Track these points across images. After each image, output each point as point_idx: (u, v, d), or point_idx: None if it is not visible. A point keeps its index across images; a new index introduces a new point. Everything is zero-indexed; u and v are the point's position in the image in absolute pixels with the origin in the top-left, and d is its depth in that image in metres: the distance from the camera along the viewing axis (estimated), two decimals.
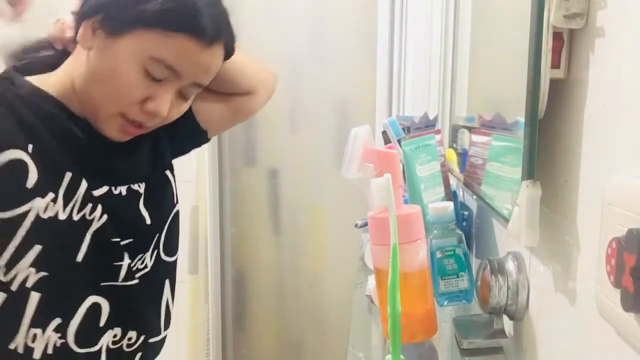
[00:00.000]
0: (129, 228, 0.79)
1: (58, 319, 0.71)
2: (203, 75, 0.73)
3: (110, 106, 0.70)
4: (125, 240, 0.77)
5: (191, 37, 0.67)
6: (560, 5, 0.48)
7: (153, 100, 0.70)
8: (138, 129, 0.73)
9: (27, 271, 0.68)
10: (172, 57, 0.67)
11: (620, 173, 0.41)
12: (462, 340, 0.70)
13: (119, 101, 0.69)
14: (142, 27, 0.67)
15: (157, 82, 0.69)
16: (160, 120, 0.73)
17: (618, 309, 0.38)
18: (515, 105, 0.65)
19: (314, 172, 2.08)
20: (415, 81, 1.68)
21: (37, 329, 0.70)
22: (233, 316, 2.21)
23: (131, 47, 0.67)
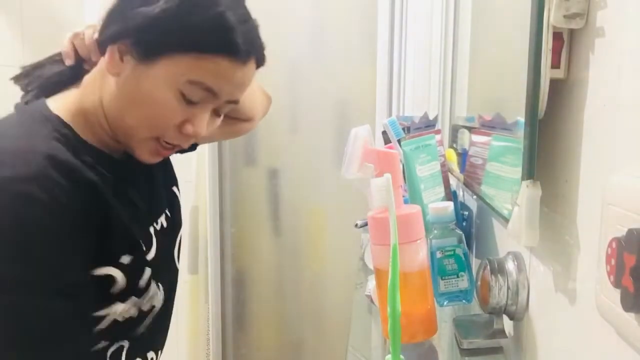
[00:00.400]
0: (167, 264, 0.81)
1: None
2: (238, 92, 0.71)
3: (147, 131, 0.68)
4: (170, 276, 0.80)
5: (227, 57, 0.66)
6: (560, 5, 0.48)
7: (191, 123, 0.68)
8: (171, 150, 0.71)
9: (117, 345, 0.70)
10: (210, 79, 0.66)
11: (620, 173, 0.41)
12: (462, 340, 0.70)
13: (158, 127, 0.67)
14: (177, 52, 0.64)
15: (195, 104, 0.67)
16: (194, 140, 0.72)
17: (618, 309, 0.38)
18: (515, 105, 0.65)
19: (314, 172, 2.08)
20: (415, 81, 1.68)
21: None
22: (233, 316, 2.21)
23: (168, 72, 0.65)
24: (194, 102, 0.67)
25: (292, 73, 2.06)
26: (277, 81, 2.06)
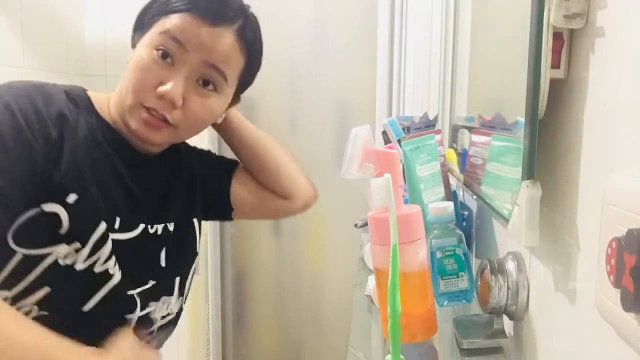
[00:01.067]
0: (150, 271, 0.79)
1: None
2: (212, 55, 0.73)
3: (131, 97, 0.72)
4: (140, 287, 0.77)
5: (190, 13, 0.72)
6: (560, 5, 0.48)
7: (164, 83, 0.72)
8: (158, 121, 0.73)
9: (30, 307, 0.68)
10: (175, 28, 0.72)
11: (620, 173, 0.41)
12: (462, 340, 0.70)
13: (139, 90, 0.72)
14: (155, 19, 0.74)
15: (170, 65, 0.72)
16: (180, 112, 0.73)
17: (618, 309, 0.38)
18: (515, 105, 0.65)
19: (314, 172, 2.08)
20: (415, 81, 1.68)
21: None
22: (233, 316, 2.21)
23: (147, 37, 0.74)
24: (166, 55, 0.72)
25: (292, 73, 2.06)
26: (277, 81, 2.06)
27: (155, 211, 0.81)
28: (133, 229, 0.76)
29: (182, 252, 0.86)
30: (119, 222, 0.74)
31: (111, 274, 0.72)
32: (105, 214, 0.72)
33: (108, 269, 0.72)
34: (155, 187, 0.82)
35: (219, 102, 0.78)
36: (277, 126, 2.08)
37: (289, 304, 2.19)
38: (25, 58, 1.67)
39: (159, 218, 0.81)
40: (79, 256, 0.69)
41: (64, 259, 0.68)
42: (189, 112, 0.74)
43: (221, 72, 0.75)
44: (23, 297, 0.68)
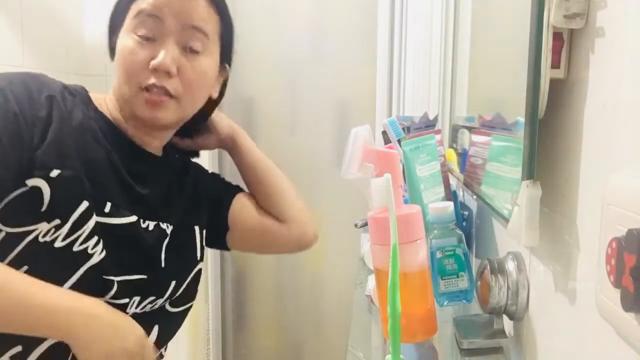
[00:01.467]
0: (142, 263, 0.78)
1: (18, 347, 0.69)
2: (189, 17, 0.76)
3: (128, 83, 0.75)
4: (126, 276, 0.76)
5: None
6: (560, 5, 0.48)
7: (155, 58, 0.74)
8: (161, 96, 0.75)
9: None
10: (148, 6, 0.75)
11: (620, 173, 0.41)
12: (462, 340, 0.70)
13: (131, 74, 0.75)
14: (123, 18, 0.77)
15: (153, 42, 0.75)
16: (177, 81, 0.76)
17: (618, 309, 0.38)
18: (515, 105, 0.65)
19: (314, 172, 2.08)
20: (415, 81, 1.68)
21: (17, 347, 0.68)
22: (233, 316, 2.21)
23: (123, 30, 0.76)
24: (147, 36, 0.75)
25: (292, 73, 2.06)
26: (277, 81, 2.06)
27: (152, 209, 0.80)
28: (124, 217, 0.76)
29: (181, 256, 0.85)
30: (109, 207, 0.74)
31: (90, 253, 0.71)
32: (91, 195, 0.71)
33: (87, 249, 0.71)
34: (156, 186, 0.82)
35: (208, 62, 0.80)
36: (277, 126, 2.08)
37: (289, 304, 2.19)
38: (25, 58, 1.67)
39: (154, 216, 0.81)
40: (59, 234, 0.69)
41: (44, 237, 0.68)
42: (185, 79, 0.77)
43: (202, 31, 0.78)
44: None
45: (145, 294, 0.78)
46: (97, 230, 0.72)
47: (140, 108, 0.76)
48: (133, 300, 0.76)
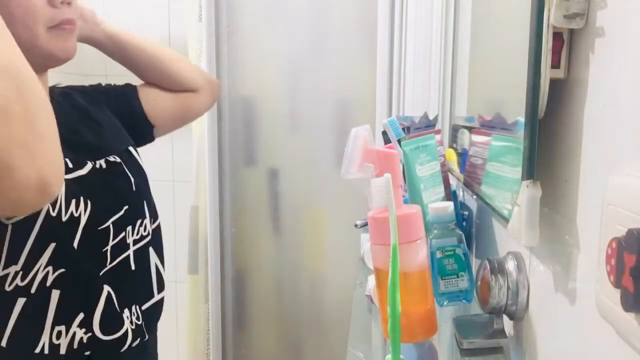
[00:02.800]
0: (119, 199, 0.81)
1: (81, 314, 0.73)
2: None
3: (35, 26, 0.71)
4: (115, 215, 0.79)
5: None
6: (560, 5, 0.48)
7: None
8: (71, 25, 0.75)
9: (45, 270, 0.69)
10: None
11: (620, 173, 0.41)
12: (462, 340, 0.70)
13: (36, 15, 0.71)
14: None
15: None
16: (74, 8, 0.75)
17: (618, 309, 0.38)
18: (515, 105, 0.65)
19: (314, 172, 2.08)
20: (415, 81, 1.68)
21: (60, 326, 0.71)
22: (233, 316, 2.21)
23: None
24: None
25: (292, 73, 2.06)
26: (277, 81, 2.06)
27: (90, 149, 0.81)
28: (83, 166, 0.77)
29: (137, 177, 0.87)
30: (69, 162, 0.75)
31: (77, 216, 0.73)
32: None
33: (73, 213, 0.72)
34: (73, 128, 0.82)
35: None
36: (277, 126, 2.08)
37: (289, 304, 2.18)
38: None
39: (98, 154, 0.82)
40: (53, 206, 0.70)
41: (53, 210, 0.69)
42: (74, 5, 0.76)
43: None
44: (34, 263, 0.68)
45: (134, 221, 0.83)
46: (70, 191, 0.73)
47: (53, 44, 0.74)
48: (127, 231, 0.81)
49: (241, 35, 2.03)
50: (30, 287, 0.69)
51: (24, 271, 0.68)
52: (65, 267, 0.71)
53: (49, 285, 0.70)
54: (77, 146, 0.79)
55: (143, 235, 0.85)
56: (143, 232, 0.85)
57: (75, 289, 0.73)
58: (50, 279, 0.70)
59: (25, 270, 0.68)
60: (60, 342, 0.71)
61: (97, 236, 0.76)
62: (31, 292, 0.69)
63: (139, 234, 0.84)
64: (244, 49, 2.04)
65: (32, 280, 0.69)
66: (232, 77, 2.05)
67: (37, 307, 0.70)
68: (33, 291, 0.69)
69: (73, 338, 0.72)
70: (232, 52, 2.03)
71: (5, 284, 0.68)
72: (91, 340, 0.74)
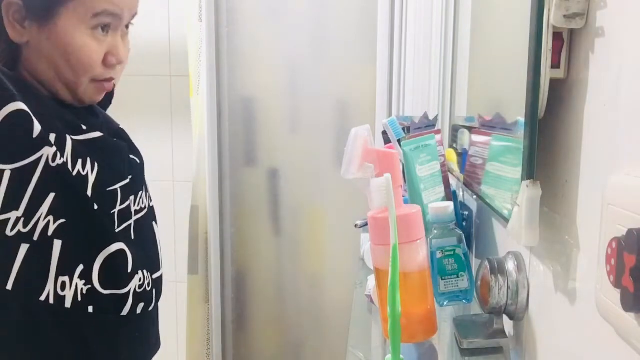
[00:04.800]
0: (126, 167, 0.84)
1: (81, 266, 0.74)
2: (135, 6, 0.80)
3: (82, 77, 0.76)
4: (122, 182, 0.81)
5: None
6: (560, 5, 0.48)
7: (112, 54, 0.78)
8: (110, 84, 0.81)
9: (46, 219, 0.70)
10: (108, 5, 0.75)
11: (620, 173, 0.41)
12: (462, 340, 0.70)
13: (88, 70, 0.76)
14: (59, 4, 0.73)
15: (106, 32, 0.77)
16: (122, 66, 0.81)
17: (618, 309, 0.38)
18: (515, 105, 0.65)
19: (314, 172, 2.08)
20: (415, 81, 1.68)
21: (64, 276, 0.72)
22: (233, 316, 2.21)
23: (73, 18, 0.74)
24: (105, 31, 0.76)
25: (292, 73, 2.06)
26: (277, 81, 2.06)
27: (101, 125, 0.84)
28: (95, 131, 0.80)
29: (136, 154, 0.91)
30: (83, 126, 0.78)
31: (84, 174, 0.75)
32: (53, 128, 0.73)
33: (80, 170, 0.74)
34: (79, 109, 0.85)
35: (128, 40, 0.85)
36: (277, 126, 2.08)
37: (289, 304, 2.18)
38: None
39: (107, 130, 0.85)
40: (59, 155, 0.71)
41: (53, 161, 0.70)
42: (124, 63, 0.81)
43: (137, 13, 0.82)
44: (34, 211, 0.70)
45: (136, 192, 0.85)
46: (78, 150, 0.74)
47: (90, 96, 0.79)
48: (131, 200, 0.83)
49: (241, 35, 2.03)
50: (32, 235, 0.70)
51: (25, 218, 0.69)
52: (67, 217, 0.72)
53: (51, 235, 0.71)
54: (90, 121, 0.82)
55: (142, 207, 0.87)
56: (142, 204, 0.87)
57: (79, 239, 0.74)
58: (52, 229, 0.71)
59: (26, 218, 0.69)
60: (66, 293, 0.72)
61: (105, 196, 0.78)
62: (34, 239, 0.70)
63: (139, 205, 0.86)
64: (244, 49, 2.04)
65: (34, 227, 0.70)
66: (232, 77, 2.05)
67: (40, 255, 0.71)
68: (35, 239, 0.70)
69: (76, 290, 0.73)
70: (232, 52, 2.03)
71: (7, 229, 0.69)
72: (90, 292, 0.74)
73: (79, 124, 0.78)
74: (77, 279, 0.74)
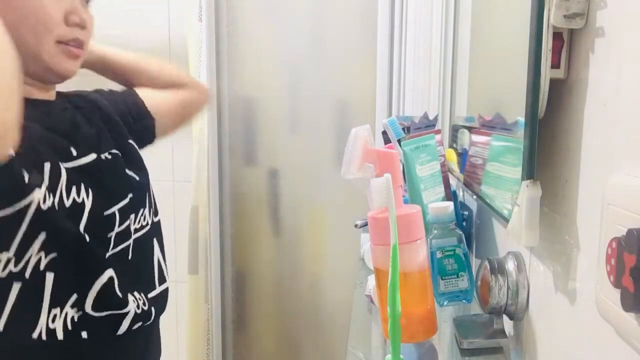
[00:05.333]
0: (124, 187, 0.83)
1: (75, 295, 0.73)
2: None
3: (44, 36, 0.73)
4: (121, 203, 0.81)
5: None
6: (560, 5, 0.48)
7: (73, 13, 0.75)
8: (79, 49, 0.78)
9: (37, 255, 0.70)
10: None
11: (620, 173, 0.41)
12: (462, 340, 0.70)
13: (49, 27, 0.73)
14: None
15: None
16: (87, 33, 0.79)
17: (618, 309, 0.38)
18: (515, 105, 0.65)
19: (314, 172, 2.08)
20: (415, 81, 1.68)
21: (56, 308, 0.72)
22: (233, 316, 2.21)
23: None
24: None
25: (292, 73, 2.06)
26: (277, 81, 2.06)
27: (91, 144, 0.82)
28: (87, 155, 0.79)
29: (139, 170, 0.90)
30: (73, 150, 0.76)
31: (79, 201, 0.74)
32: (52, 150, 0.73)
33: (75, 198, 0.74)
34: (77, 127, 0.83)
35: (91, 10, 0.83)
36: (277, 126, 2.08)
37: (289, 304, 2.18)
38: None
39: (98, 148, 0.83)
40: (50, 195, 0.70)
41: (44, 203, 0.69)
42: (89, 30, 0.79)
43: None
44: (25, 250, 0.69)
45: (137, 210, 0.85)
46: (72, 179, 0.74)
47: (59, 62, 0.76)
48: (131, 219, 0.83)
49: (241, 35, 2.03)
50: (24, 272, 0.69)
51: (16, 257, 0.69)
52: (59, 251, 0.71)
53: (43, 269, 0.70)
54: (81, 140, 0.80)
55: (143, 225, 0.87)
56: (143, 222, 0.87)
57: (71, 270, 0.73)
58: (44, 263, 0.70)
59: (17, 257, 0.69)
60: (56, 325, 0.71)
61: (103, 221, 0.78)
62: (25, 276, 0.69)
63: (139, 223, 0.86)
64: (244, 49, 2.04)
65: (25, 265, 0.69)
66: (232, 77, 2.05)
67: (32, 291, 0.70)
68: (27, 276, 0.69)
69: (66, 319, 0.72)
70: (232, 52, 2.03)
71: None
72: (82, 318, 0.74)
73: (69, 148, 0.76)
74: (68, 307, 0.73)
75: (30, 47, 0.73)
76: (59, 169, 0.73)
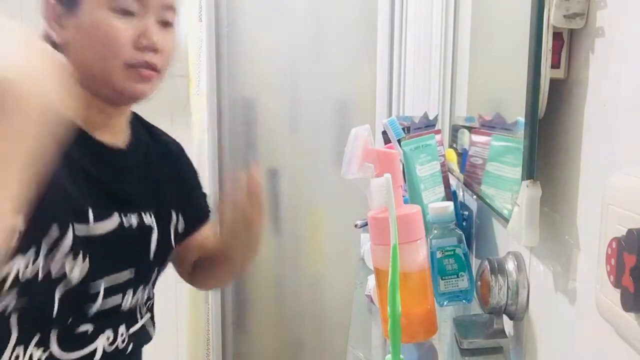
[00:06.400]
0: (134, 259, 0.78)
1: (38, 334, 0.69)
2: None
3: (111, 60, 0.72)
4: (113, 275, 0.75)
5: None
6: (560, 5, 0.48)
7: (144, 36, 0.73)
8: (153, 71, 0.75)
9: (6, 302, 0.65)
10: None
11: (620, 173, 0.41)
12: (462, 340, 0.70)
13: (116, 51, 0.72)
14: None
15: (133, 16, 0.73)
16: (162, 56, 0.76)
17: (618, 309, 0.38)
18: (515, 105, 0.65)
19: (314, 172, 2.08)
20: (415, 81, 1.68)
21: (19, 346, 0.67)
22: (233, 316, 2.21)
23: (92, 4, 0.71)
24: (130, 11, 0.72)
25: (292, 73, 2.06)
26: (277, 81, 2.06)
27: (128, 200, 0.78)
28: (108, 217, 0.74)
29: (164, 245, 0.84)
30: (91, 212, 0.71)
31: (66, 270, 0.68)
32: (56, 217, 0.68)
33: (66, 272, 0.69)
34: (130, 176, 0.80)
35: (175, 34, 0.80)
36: (277, 126, 2.08)
37: (289, 303, 2.18)
38: None
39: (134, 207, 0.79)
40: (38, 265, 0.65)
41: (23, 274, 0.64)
42: (165, 53, 0.76)
43: (175, 10, 0.78)
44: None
45: (136, 286, 0.79)
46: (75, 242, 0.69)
47: (125, 83, 0.74)
48: (127, 294, 0.77)
49: (241, 35, 2.03)
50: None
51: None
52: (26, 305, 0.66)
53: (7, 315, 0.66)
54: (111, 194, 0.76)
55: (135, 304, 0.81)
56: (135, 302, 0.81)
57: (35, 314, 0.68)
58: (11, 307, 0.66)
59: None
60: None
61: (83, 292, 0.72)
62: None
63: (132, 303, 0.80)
64: (244, 49, 2.04)
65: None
66: (232, 77, 2.05)
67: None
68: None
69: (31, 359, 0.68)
70: (232, 52, 2.03)
71: None
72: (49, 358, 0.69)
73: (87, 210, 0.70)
74: (32, 348, 0.68)
75: (98, 71, 0.73)
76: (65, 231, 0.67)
